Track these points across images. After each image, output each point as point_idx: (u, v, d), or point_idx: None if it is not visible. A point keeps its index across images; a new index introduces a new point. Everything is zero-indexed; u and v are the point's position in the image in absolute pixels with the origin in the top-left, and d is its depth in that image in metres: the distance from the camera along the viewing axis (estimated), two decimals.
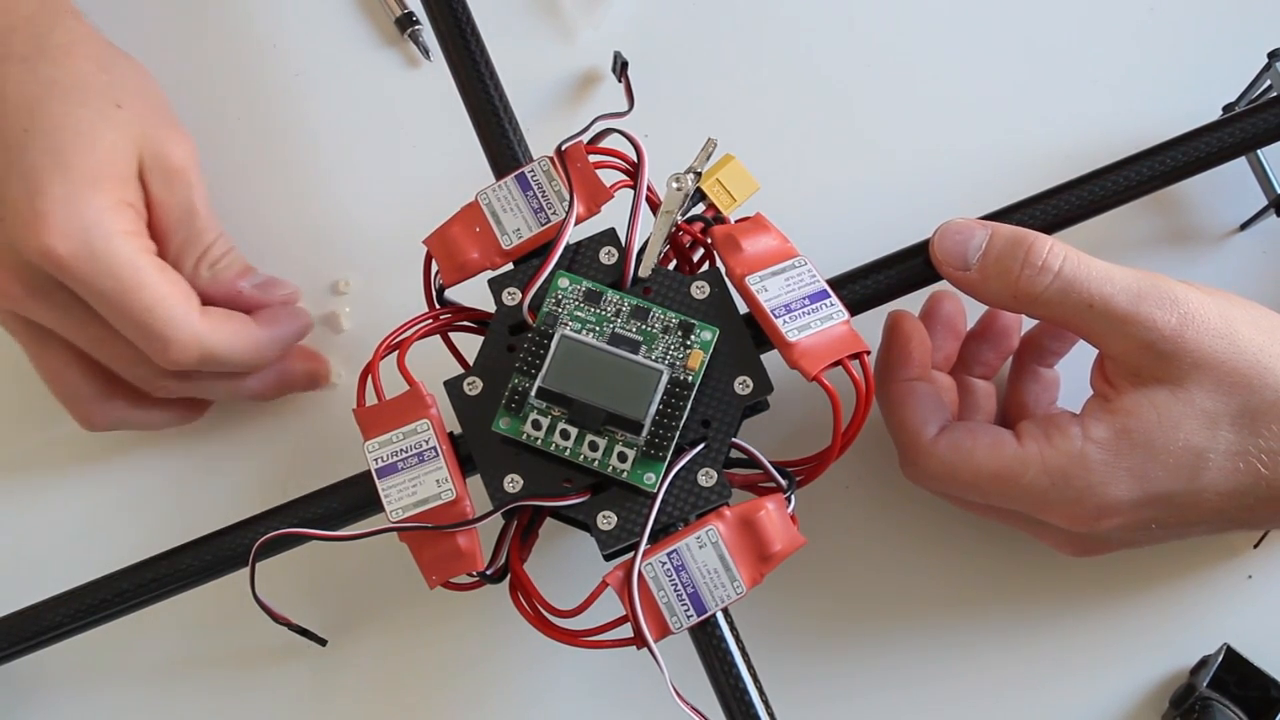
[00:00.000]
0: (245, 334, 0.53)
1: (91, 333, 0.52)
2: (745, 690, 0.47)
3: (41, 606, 0.52)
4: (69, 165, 0.50)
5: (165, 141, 0.53)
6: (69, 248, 0.49)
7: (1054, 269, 0.49)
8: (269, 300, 0.56)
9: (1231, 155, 0.54)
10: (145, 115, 0.54)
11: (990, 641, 0.56)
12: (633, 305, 0.49)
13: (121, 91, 0.53)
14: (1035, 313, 0.50)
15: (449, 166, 0.59)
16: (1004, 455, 0.49)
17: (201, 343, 0.51)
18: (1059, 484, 0.48)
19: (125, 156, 0.52)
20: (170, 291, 0.51)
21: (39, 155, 0.50)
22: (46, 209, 0.49)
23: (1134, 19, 0.62)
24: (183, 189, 0.53)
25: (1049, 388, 0.56)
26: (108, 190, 0.51)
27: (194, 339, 0.51)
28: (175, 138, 0.54)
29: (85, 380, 0.54)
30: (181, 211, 0.54)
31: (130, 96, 0.53)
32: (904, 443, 0.52)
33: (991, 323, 0.56)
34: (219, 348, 0.52)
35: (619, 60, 0.60)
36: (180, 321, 0.51)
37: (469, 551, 0.47)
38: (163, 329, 0.51)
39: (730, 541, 0.47)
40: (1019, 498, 0.50)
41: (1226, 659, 0.53)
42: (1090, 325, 0.49)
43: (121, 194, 0.51)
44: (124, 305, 0.50)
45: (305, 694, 0.57)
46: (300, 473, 0.55)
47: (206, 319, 0.52)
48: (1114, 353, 0.49)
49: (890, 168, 0.61)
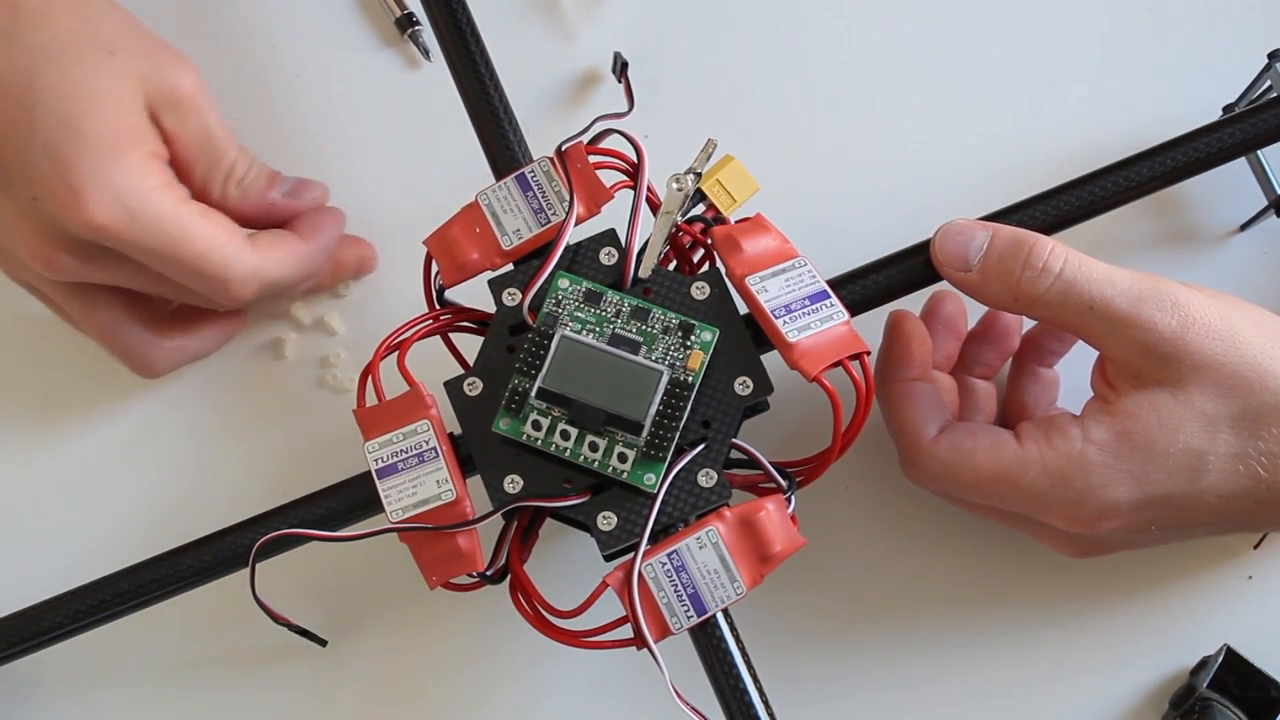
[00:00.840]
0: (296, 253, 0.55)
1: (150, 277, 0.53)
2: (745, 690, 0.47)
3: (41, 607, 0.52)
4: (84, 132, 0.50)
5: (167, 74, 0.53)
6: (111, 217, 0.50)
7: (1055, 271, 0.49)
8: (302, 206, 0.57)
9: (1231, 156, 0.54)
10: (139, 54, 0.53)
11: (990, 642, 0.56)
12: (633, 306, 0.49)
13: (110, 37, 0.53)
14: (1035, 314, 0.50)
15: (449, 167, 0.59)
16: (1004, 456, 0.49)
17: (258, 275, 0.53)
18: (1059, 485, 0.48)
19: (133, 106, 0.52)
20: (217, 234, 0.52)
21: (52, 130, 0.50)
22: (79, 184, 0.50)
23: (1134, 19, 0.62)
24: (195, 116, 0.54)
25: (1049, 388, 0.56)
26: (128, 148, 0.51)
27: (251, 274, 0.53)
28: (175, 67, 0.54)
29: (139, 325, 0.55)
30: (199, 138, 0.54)
31: (120, 39, 0.53)
32: (904, 443, 0.52)
33: (992, 323, 0.56)
34: (275, 274, 0.54)
35: (619, 60, 0.60)
36: (234, 261, 0.52)
37: (469, 552, 0.47)
38: (219, 272, 0.52)
39: (730, 542, 0.47)
40: (1018, 499, 0.50)
41: (1226, 659, 0.53)
42: (1091, 327, 0.49)
43: (142, 147, 0.52)
44: (177, 258, 0.51)
45: (305, 694, 0.57)
46: (300, 473, 0.55)
47: (258, 250, 0.54)
48: (1114, 354, 0.49)
49: (890, 168, 0.61)
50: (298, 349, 0.60)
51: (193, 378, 0.59)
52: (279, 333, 0.60)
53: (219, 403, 0.59)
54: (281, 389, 0.60)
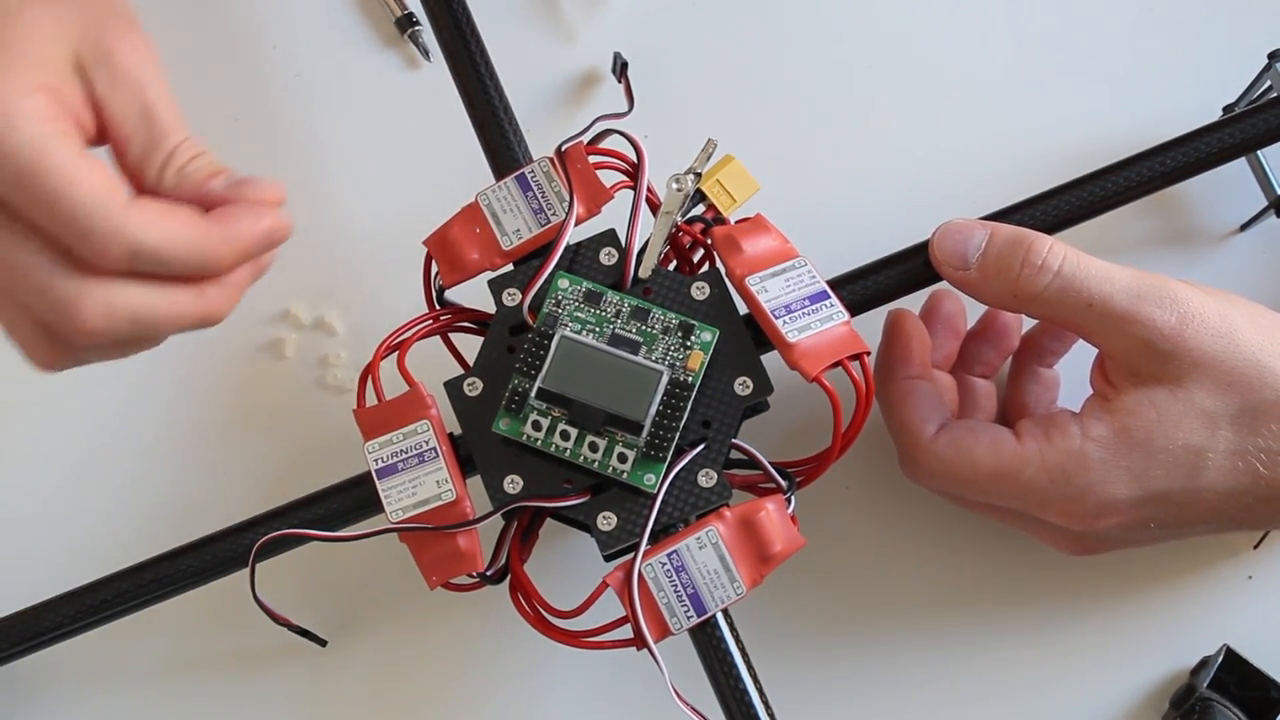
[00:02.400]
0: (185, 230, 0.45)
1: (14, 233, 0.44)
2: (745, 690, 0.47)
3: (41, 607, 0.52)
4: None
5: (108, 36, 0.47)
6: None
7: (1053, 268, 0.49)
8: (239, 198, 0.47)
9: (1231, 156, 0.54)
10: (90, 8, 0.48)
11: (990, 641, 0.56)
12: (633, 306, 0.49)
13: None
14: (1035, 312, 0.50)
15: (449, 167, 0.59)
16: (1003, 453, 0.49)
17: (127, 236, 0.44)
18: (1058, 482, 0.48)
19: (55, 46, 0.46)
20: (87, 178, 0.44)
21: None
22: None
23: (1133, 19, 0.62)
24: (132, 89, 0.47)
25: (1049, 387, 0.56)
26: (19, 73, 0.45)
27: (116, 231, 0.44)
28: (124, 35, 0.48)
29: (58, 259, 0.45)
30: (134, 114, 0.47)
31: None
32: (904, 441, 0.52)
33: (992, 322, 0.56)
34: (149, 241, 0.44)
35: (619, 60, 0.60)
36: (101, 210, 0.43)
37: (469, 552, 0.47)
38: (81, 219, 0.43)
39: (730, 542, 0.47)
40: (1018, 496, 0.50)
41: (1226, 659, 0.53)
42: (1090, 324, 0.49)
43: (38, 78, 0.45)
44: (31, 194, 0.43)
45: (305, 694, 0.57)
46: (300, 473, 0.55)
47: (137, 210, 0.44)
48: (1113, 352, 0.49)
49: (890, 168, 0.61)
50: (298, 349, 0.60)
51: (193, 377, 0.59)
52: (279, 333, 0.60)
53: (219, 403, 0.59)
54: (281, 389, 0.60)
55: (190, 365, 0.59)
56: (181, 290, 0.46)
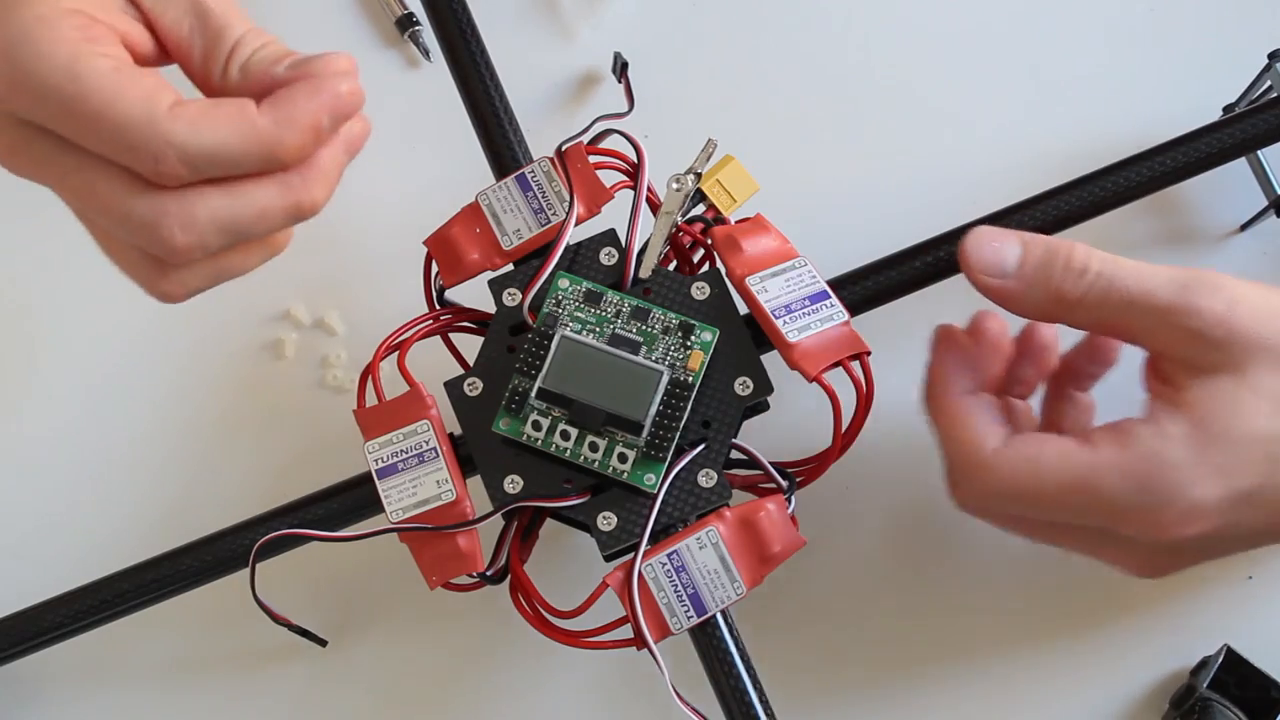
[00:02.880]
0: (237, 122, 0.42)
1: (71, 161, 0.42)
2: (745, 690, 0.47)
3: (42, 607, 0.52)
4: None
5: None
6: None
7: (1094, 270, 0.47)
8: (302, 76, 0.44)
9: (1231, 156, 0.54)
10: None
11: (990, 642, 0.56)
12: (633, 306, 0.49)
13: None
14: (1077, 319, 0.48)
15: (449, 167, 0.59)
16: (1076, 463, 0.46)
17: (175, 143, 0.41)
18: (1142, 488, 0.45)
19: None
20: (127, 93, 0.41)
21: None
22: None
23: (1134, 19, 0.62)
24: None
25: (1085, 412, 0.53)
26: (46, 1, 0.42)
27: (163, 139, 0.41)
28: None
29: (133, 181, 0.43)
30: (189, 17, 0.44)
31: None
32: (961, 459, 0.48)
33: (1031, 338, 0.53)
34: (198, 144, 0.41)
35: (619, 60, 0.60)
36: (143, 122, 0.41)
37: (469, 552, 0.47)
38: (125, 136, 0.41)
39: (730, 542, 0.47)
40: (1094, 509, 0.46)
41: (1226, 659, 0.53)
42: (1135, 323, 0.47)
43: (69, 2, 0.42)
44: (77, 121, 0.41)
45: (305, 694, 0.57)
46: (300, 473, 0.55)
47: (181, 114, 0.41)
48: (1163, 347, 0.47)
49: (890, 168, 0.61)
50: (298, 349, 0.60)
51: (193, 377, 0.59)
52: (279, 333, 0.60)
53: (219, 403, 0.59)
54: (281, 389, 0.60)
55: (191, 365, 0.59)
56: (262, 187, 0.44)
